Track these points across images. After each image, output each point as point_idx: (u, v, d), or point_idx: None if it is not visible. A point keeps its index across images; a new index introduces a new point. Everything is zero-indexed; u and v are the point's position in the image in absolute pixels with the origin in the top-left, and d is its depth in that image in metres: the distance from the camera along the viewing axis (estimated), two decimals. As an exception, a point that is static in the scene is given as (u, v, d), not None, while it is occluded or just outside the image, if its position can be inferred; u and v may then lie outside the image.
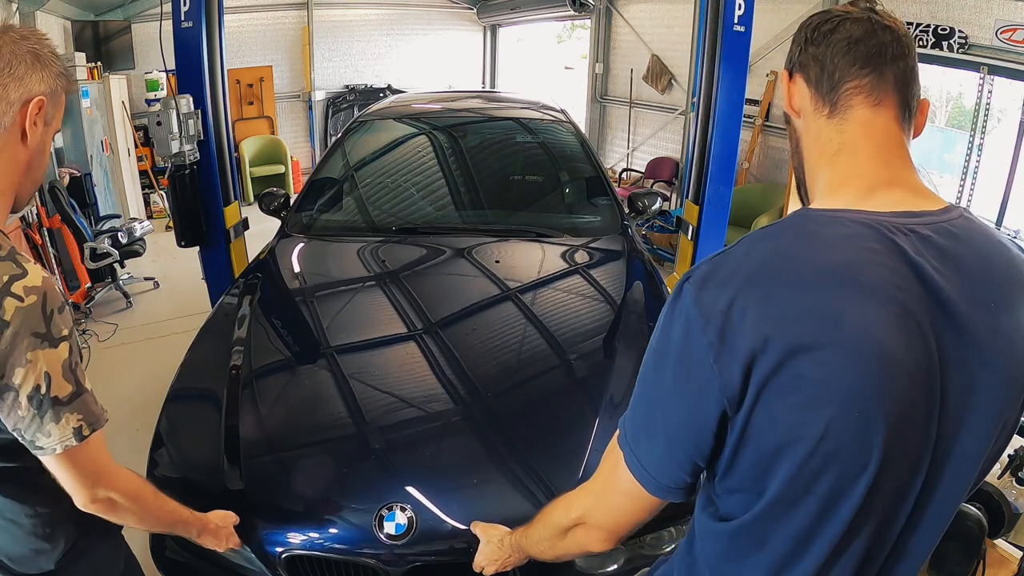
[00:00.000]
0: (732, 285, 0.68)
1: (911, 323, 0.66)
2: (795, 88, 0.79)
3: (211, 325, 2.22)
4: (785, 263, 0.69)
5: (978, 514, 1.49)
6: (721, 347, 0.67)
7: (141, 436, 2.01)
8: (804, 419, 0.65)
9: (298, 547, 1.48)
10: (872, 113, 0.73)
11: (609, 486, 0.85)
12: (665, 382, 0.74)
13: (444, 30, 9.12)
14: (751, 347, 0.65)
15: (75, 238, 4.59)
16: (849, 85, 0.73)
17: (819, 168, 0.77)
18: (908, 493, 0.71)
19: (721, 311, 0.67)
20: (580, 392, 1.89)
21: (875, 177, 0.73)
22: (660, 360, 0.75)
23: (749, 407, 0.67)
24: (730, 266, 0.71)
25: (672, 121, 6.92)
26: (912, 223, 0.70)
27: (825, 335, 0.65)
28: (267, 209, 2.95)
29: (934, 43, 4.18)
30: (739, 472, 0.72)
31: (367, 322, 2.20)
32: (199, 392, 1.94)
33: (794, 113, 0.81)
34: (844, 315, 0.65)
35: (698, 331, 0.68)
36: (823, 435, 0.65)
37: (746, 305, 0.67)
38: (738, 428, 0.69)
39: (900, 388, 0.66)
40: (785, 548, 0.73)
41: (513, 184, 3.13)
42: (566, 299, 2.33)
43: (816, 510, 0.69)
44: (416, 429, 1.73)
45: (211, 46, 3.11)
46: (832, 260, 0.67)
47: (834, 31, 0.74)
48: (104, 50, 6.21)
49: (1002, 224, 4.23)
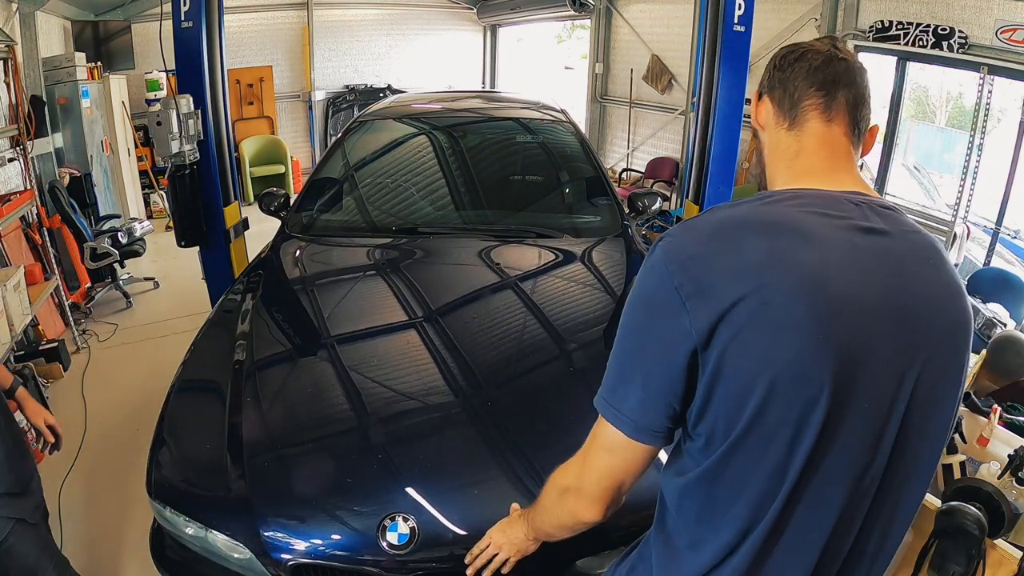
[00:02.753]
0: (697, 239, 0.80)
1: (867, 268, 0.76)
2: (762, 107, 0.93)
3: (212, 323, 2.22)
4: (745, 220, 0.80)
5: (978, 514, 1.49)
6: (690, 288, 0.76)
7: (141, 436, 2.02)
8: (769, 347, 0.73)
9: (303, 555, 1.48)
10: (825, 127, 0.87)
11: (592, 446, 0.91)
12: (638, 328, 0.83)
13: (444, 30, 9.12)
14: (716, 287, 0.75)
15: (75, 238, 4.59)
16: (807, 103, 0.87)
17: (778, 170, 0.91)
18: (884, 432, 0.77)
19: (688, 257, 0.78)
20: (582, 385, 1.89)
21: (828, 170, 0.86)
22: (634, 309, 0.84)
23: (722, 343, 0.74)
24: (697, 224, 0.83)
25: (672, 121, 6.92)
26: (861, 198, 0.82)
27: (778, 273, 0.74)
28: (267, 209, 2.95)
29: (934, 43, 4.18)
30: (713, 411, 0.78)
31: (368, 319, 2.20)
32: (200, 391, 1.94)
33: (760, 127, 0.94)
34: (793, 256, 0.75)
35: (667, 277, 0.78)
36: (786, 362, 0.73)
37: (709, 252, 0.78)
38: (711, 365, 0.76)
39: (852, 323, 0.74)
40: (762, 487, 0.78)
41: (513, 184, 3.13)
42: (566, 296, 2.33)
43: (789, 438, 0.75)
44: (420, 430, 1.73)
45: (211, 46, 3.11)
46: (786, 216, 0.79)
47: (798, 60, 0.88)
48: (104, 50, 6.21)
49: (1002, 224, 4.23)
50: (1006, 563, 1.53)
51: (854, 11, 4.85)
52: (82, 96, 5.17)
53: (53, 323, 4.05)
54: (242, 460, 1.61)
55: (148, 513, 1.71)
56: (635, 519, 1.58)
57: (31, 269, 3.65)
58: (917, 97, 5.55)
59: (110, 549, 2.40)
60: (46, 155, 4.78)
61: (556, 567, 1.52)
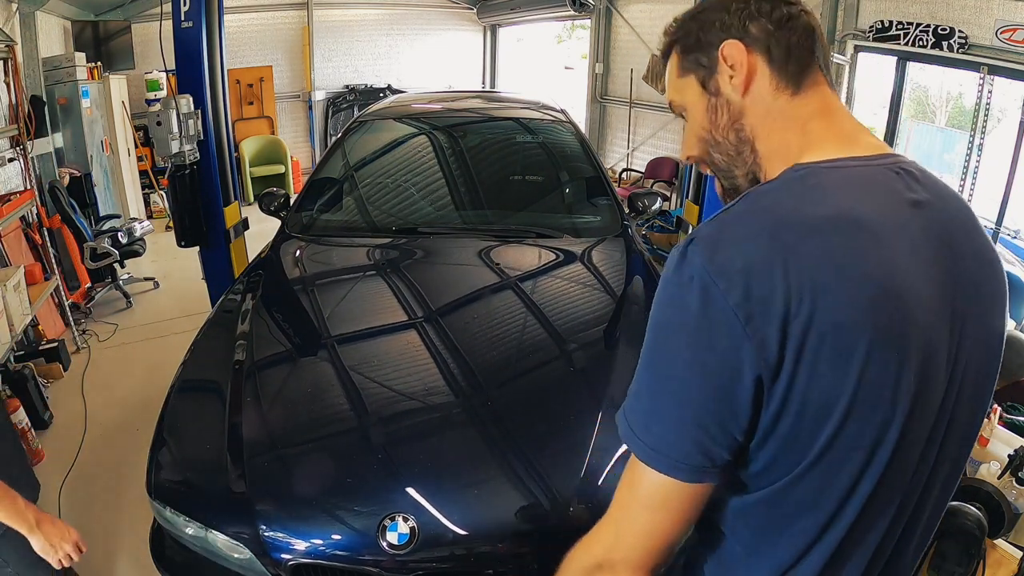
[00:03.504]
0: (747, 243, 0.65)
1: (926, 256, 0.68)
2: (744, 69, 0.76)
3: (212, 323, 2.22)
4: (796, 214, 0.67)
5: (978, 514, 1.49)
6: (749, 309, 0.63)
7: (141, 436, 2.02)
8: (844, 374, 0.64)
9: (303, 555, 1.48)
10: (830, 91, 0.78)
11: (630, 505, 0.74)
12: (680, 356, 0.67)
13: (444, 30, 9.12)
14: (783, 304, 0.62)
15: (75, 238, 4.59)
16: (812, 68, 0.77)
17: (782, 141, 0.77)
18: (937, 428, 0.72)
19: (741, 271, 0.63)
20: (582, 385, 1.89)
21: (850, 130, 0.76)
22: (671, 334, 0.69)
23: (791, 368, 0.64)
24: (739, 223, 0.68)
25: (672, 121, 6.92)
26: (898, 164, 0.73)
27: (846, 285, 0.63)
28: (267, 209, 2.95)
29: (934, 43, 4.17)
30: (777, 440, 0.68)
31: (368, 319, 2.20)
32: (200, 391, 1.94)
33: (738, 94, 0.77)
34: (860, 261, 0.64)
35: (718, 296, 0.64)
36: (863, 386, 0.64)
37: (768, 261, 0.63)
38: (778, 395, 0.65)
39: (924, 333, 0.66)
40: (831, 508, 0.70)
41: (513, 184, 3.13)
42: (566, 296, 2.33)
43: (863, 461, 0.68)
44: (420, 430, 1.73)
45: (211, 46, 3.11)
46: (841, 205, 0.67)
47: (794, 18, 0.76)
48: (104, 50, 6.21)
49: (1002, 224, 4.23)
50: (1006, 563, 1.53)
51: (854, 11, 4.84)
52: (82, 96, 5.17)
53: (53, 323, 4.05)
54: (242, 460, 1.61)
55: (148, 513, 1.72)
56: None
57: (31, 269, 3.65)
58: (917, 97, 5.56)
59: (110, 549, 2.40)
60: (46, 155, 4.78)
61: (556, 567, 1.52)
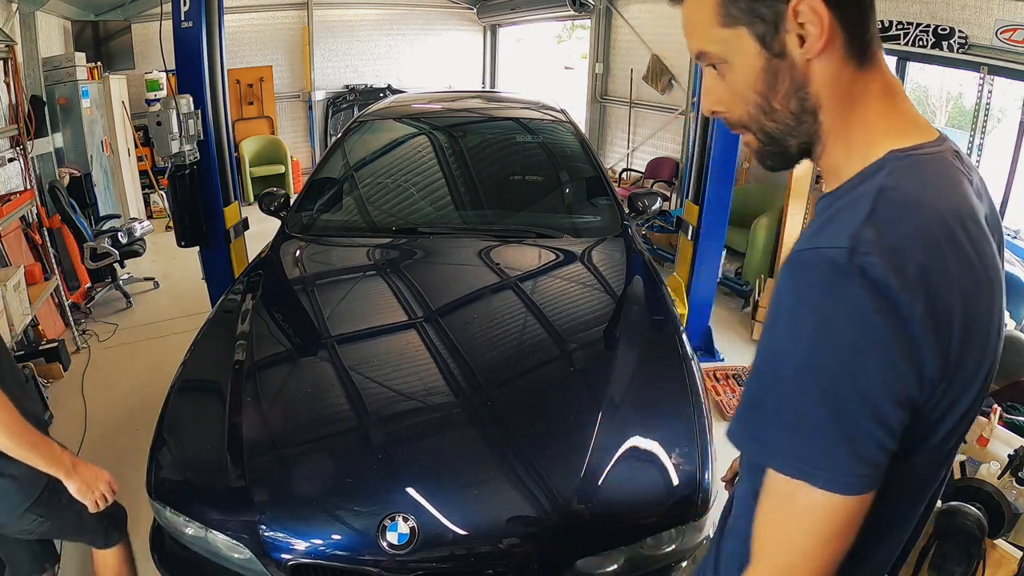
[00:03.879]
0: (910, 247, 0.62)
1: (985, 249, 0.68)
2: (819, 23, 0.65)
3: (212, 323, 2.22)
4: (951, 207, 0.65)
5: (978, 514, 1.49)
6: (933, 319, 0.61)
7: (141, 436, 2.02)
8: (974, 369, 0.67)
9: (303, 555, 1.48)
10: (884, 61, 0.72)
11: (793, 548, 0.66)
12: (847, 375, 0.61)
13: (444, 30, 9.11)
14: (949, 310, 0.62)
15: (75, 238, 4.59)
16: (876, 40, 0.71)
17: (854, 118, 0.71)
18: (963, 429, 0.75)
19: (919, 271, 0.61)
20: (582, 386, 1.89)
21: (913, 111, 0.73)
22: (825, 349, 0.62)
23: (951, 372, 0.64)
24: (894, 227, 0.63)
25: (672, 121, 6.92)
26: (951, 149, 0.72)
27: (979, 281, 0.65)
28: (267, 209, 2.95)
29: (934, 43, 4.17)
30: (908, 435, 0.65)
31: (368, 319, 2.20)
32: (200, 391, 1.95)
33: (815, 54, 0.67)
34: (982, 257, 0.66)
35: (895, 301, 0.59)
36: (975, 376, 0.67)
37: (938, 261, 0.62)
38: (937, 396, 0.65)
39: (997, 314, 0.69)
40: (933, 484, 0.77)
41: (513, 184, 3.13)
42: (566, 296, 2.33)
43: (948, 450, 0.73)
44: (420, 430, 1.73)
45: (211, 46, 3.11)
46: (953, 204, 0.66)
47: None
48: (104, 50, 6.21)
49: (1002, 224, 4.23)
50: (1006, 563, 1.53)
51: (854, 11, 4.84)
52: (82, 96, 5.17)
53: (53, 323, 4.05)
54: (242, 460, 1.61)
55: (148, 513, 1.72)
56: (635, 518, 1.59)
57: (31, 269, 3.65)
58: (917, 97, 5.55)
59: (110, 549, 2.40)
60: (46, 155, 4.78)
61: (556, 567, 1.52)
